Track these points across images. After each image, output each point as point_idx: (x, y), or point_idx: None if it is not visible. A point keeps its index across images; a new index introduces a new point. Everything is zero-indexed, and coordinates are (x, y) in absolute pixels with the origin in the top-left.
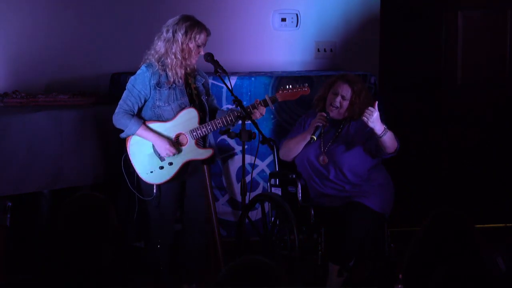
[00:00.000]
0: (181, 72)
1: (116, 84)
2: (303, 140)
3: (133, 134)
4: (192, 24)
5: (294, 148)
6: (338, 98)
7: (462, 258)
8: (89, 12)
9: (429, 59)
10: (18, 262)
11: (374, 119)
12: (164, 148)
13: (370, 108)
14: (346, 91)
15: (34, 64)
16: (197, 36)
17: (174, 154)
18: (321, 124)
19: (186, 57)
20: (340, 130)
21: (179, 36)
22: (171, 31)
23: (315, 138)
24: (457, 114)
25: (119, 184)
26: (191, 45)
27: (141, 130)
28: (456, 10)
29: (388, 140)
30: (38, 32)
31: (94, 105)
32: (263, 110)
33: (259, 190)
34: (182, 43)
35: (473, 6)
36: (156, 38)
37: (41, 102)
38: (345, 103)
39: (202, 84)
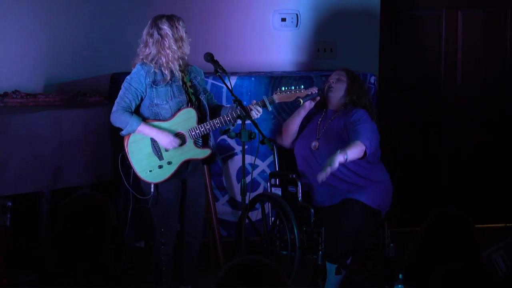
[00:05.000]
0: (177, 65)
1: (116, 84)
2: (297, 114)
3: (133, 131)
4: (168, 16)
5: (289, 123)
6: (333, 80)
7: (462, 258)
8: (90, 12)
9: (429, 59)
10: (18, 262)
11: (335, 165)
12: (169, 141)
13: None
14: (341, 74)
15: (34, 64)
16: (180, 23)
17: (178, 145)
18: (310, 93)
19: (181, 45)
20: (333, 118)
21: (166, 30)
22: (155, 32)
23: (302, 101)
24: (457, 114)
25: (119, 184)
26: (181, 33)
27: (142, 126)
28: (456, 9)
29: (355, 156)
30: (38, 32)
31: (94, 105)
32: (259, 110)
33: (259, 190)
34: (173, 34)
35: (473, 6)
36: (139, 49)
37: (41, 102)
38: (340, 85)
39: (198, 82)
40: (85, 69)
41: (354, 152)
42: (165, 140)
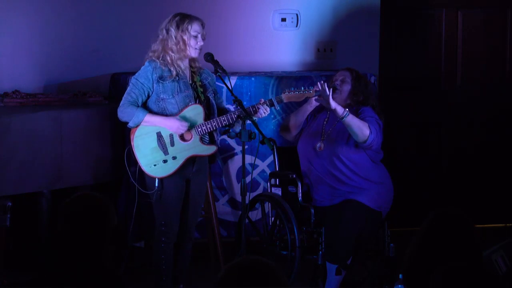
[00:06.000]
0: (184, 64)
1: (116, 84)
2: (303, 109)
3: (140, 122)
4: (182, 17)
5: (294, 117)
6: (338, 82)
7: (462, 258)
8: (89, 12)
9: (429, 59)
10: (18, 262)
11: (331, 104)
12: (176, 125)
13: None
14: (345, 74)
15: (34, 64)
16: (189, 27)
17: (187, 129)
18: (318, 89)
19: (182, 48)
20: (338, 120)
21: (172, 31)
22: (164, 30)
23: (313, 93)
24: (457, 113)
25: (119, 184)
26: (185, 37)
27: (148, 116)
28: (456, 9)
29: (353, 125)
30: (38, 33)
31: (94, 105)
32: (267, 109)
33: (259, 190)
34: (175, 37)
35: (473, 6)
36: (152, 42)
37: (41, 102)
38: (345, 87)
39: (208, 82)
40: (85, 69)
41: (357, 122)
42: (173, 125)
